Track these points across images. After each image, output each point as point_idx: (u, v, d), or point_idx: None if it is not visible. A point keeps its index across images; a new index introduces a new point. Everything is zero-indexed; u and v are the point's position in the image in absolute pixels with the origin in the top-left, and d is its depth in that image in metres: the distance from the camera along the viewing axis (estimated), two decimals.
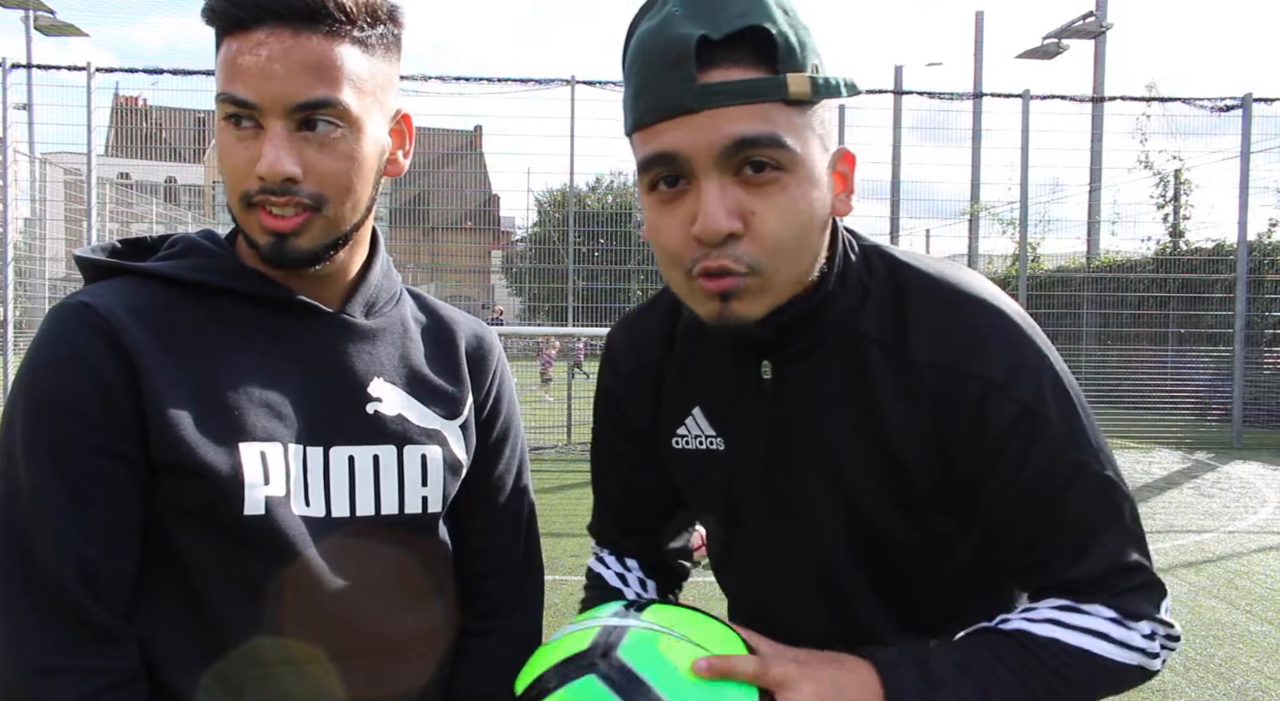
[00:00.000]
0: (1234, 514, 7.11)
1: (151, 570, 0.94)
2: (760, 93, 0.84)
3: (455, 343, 1.14)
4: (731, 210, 0.85)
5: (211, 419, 0.93)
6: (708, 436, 1.07)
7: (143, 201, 16.05)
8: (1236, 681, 3.75)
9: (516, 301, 20.16)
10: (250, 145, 0.92)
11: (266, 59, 0.90)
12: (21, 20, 14.52)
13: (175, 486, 0.92)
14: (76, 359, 0.90)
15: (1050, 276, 14.06)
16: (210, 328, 0.97)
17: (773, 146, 0.85)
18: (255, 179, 0.92)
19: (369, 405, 1.02)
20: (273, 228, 0.94)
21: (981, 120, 15.22)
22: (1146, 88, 13.04)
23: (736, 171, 0.85)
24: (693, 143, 0.85)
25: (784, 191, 0.86)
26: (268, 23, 0.90)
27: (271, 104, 0.91)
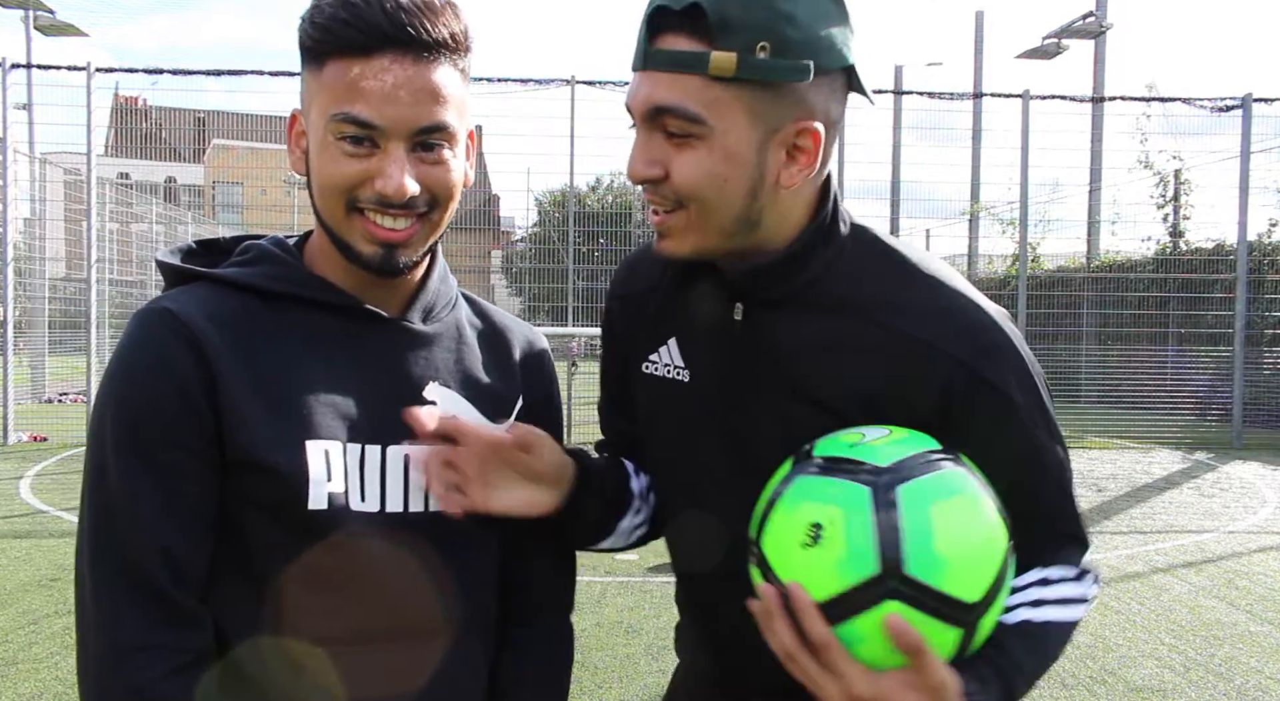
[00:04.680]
0: (1234, 514, 7.11)
1: (224, 558, 1.01)
2: (684, 64, 0.94)
3: (509, 348, 1.20)
4: (650, 159, 0.98)
5: (281, 419, 1.00)
6: (676, 366, 1.13)
7: (142, 201, 16.05)
8: (1236, 681, 3.75)
9: (516, 301, 20.15)
10: (364, 161, 0.98)
11: (392, 86, 0.96)
12: (21, 20, 14.51)
13: (247, 482, 0.99)
14: (161, 364, 0.97)
15: (1050, 276, 14.06)
16: (280, 333, 1.03)
17: (682, 117, 0.95)
18: (369, 191, 0.98)
19: (424, 407, 1.07)
20: (385, 238, 1.01)
21: (981, 120, 15.22)
22: (1146, 88, 13.06)
23: (663, 130, 0.97)
24: (634, 98, 0.98)
25: (695, 152, 0.96)
26: (391, 50, 0.96)
27: (395, 128, 0.97)
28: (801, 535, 0.89)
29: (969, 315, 1.01)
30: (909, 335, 0.99)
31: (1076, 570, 1.05)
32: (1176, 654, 4.05)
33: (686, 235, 1.01)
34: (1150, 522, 6.78)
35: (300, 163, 1.05)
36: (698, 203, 0.98)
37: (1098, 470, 9.11)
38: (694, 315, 1.11)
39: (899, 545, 0.86)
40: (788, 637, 0.89)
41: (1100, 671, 3.84)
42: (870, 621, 0.86)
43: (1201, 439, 11.41)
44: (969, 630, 0.90)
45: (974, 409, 0.98)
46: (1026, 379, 1.01)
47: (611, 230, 13.68)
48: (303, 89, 1.03)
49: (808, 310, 1.04)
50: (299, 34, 1.01)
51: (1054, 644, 1.01)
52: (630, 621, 4.37)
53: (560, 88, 11.24)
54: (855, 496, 0.89)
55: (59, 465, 8.82)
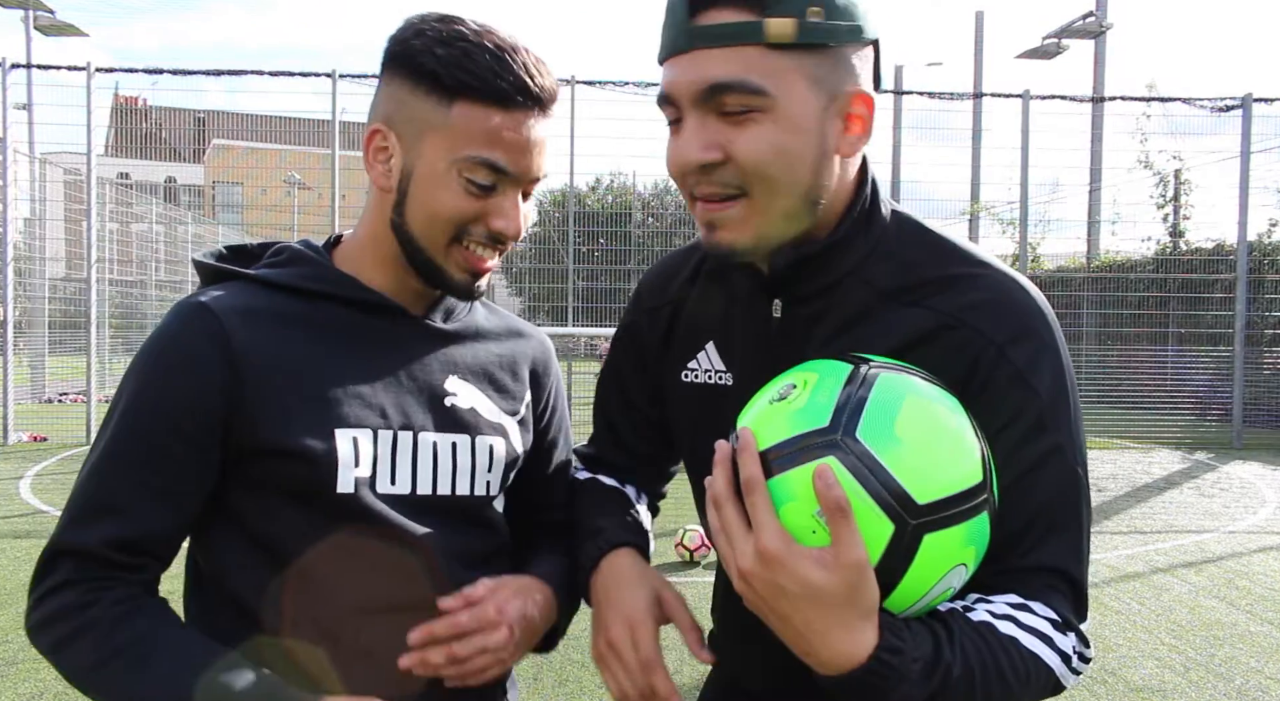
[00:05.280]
0: (1234, 514, 7.11)
1: (253, 539, 1.07)
2: (739, 35, 0.89)
3: (520, 348, 1.27)
4: (708, 143, 0.92)
5: (312, 408, 1.06)
6: (717, 370, 1.11)
7: (142, 201, 16.05)
8: (1236, 681, 3.75)
9: (516, 301, 20.14)
10: (483, 201, 1.06)
11: (529, 140, 1.05)
12: (21, 20, 14.51)
13: (279, 467, 1.05)
14: (185, 362, 1.04)
15: (1050, 276, 14.05)
16: (312, 328, 1.09)
17: (743, 92, 0.89)
18: (482, 227, 1.07)
19: (446, 399, 1.15)
20: (481, 268, 1.10)
21: (981, 120, 15.21)
22: (1146, 88, 13.06)
23: (718, 111, 0.91)
24: (678, 83, 0.92)
25: (759, 127, 0.91)
26: (532, 107, 1.05)
27: (521, 176, 1.06)
28: (773, 394, 0.89)
29: (1014, 299, 0.97)
30: (947, 313, 0.96)
31: (1062, 618, 0.91)
32: (1176, 654, 4.05)
33: (747, 224, 0.94)
34: (1150, 522, 6.78)
35: (385, 177, 1.08)
36: (765, 183, 0.92)
37: (1098, 470, 9.10)
38: (731, 316, 1.09)
39: (859, 411, 0.82)
40: (722, 482, 0.85)
41: (1100, 671, 3.83)
42: (803, 476, 0.80)
43: (1201, 439, 11.40)
44: (907, 536, 0.80)
45: (995, 392, 0.92)
46: (1059, 376, 0.95)
47: (611, 230, 13.67)
48: (396, 106, 1.06)
49: (848, 298, 1.00)
50: (418, 56, 1.04)
51: (1010, 664, 0.86)
52: None
53: (560, 88, 11.22)
54: (837, 369, 0.87)
55: (59, 465, 8.81)
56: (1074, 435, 0.95)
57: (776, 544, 0.80)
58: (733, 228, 0.95)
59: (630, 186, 18.15)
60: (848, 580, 0.79)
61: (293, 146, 28.57)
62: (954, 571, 0.85)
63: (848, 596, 0.79)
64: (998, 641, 0.87)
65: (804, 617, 0.80)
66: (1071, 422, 0.95)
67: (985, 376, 0.93)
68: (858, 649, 0.80)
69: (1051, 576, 0.93)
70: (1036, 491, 0.93)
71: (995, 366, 0.93)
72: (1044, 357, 0.95)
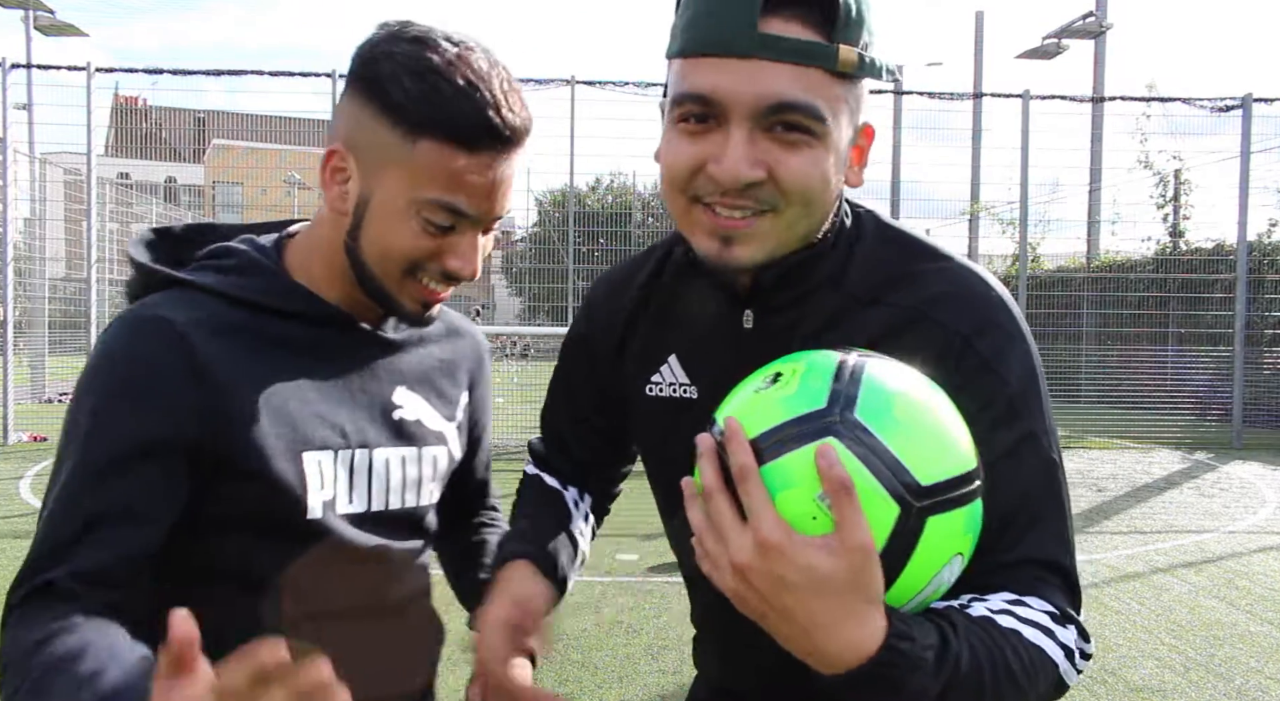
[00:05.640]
0: (1234, 514, 7.11)
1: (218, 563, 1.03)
2: (812, 57, 0.86)
3: (459, 349, 1.26)
4: (756, 160, 0.88)
5: (279, 429, 1.02)
6: (681, 384, 1.08)
7: (142, 201, 16.05)
8: (1236, 681, 3.75)
9: (516, 301, 20.13)
10: (440, 239, 1.02)
11: (492, 182, 1.01)
12: (21, 20, 14.51)
13: (247, 491, 1.01)
14: (152, 373, 0.97)
15: (1050, 276, 14.05)
16: (266, 341, 1.05)
17: (810, 116, 0.87)
18: (438, 265, 1.04)
19: (395, 412, 1.14)
20: (434, 300, 1.08)
21: (981, 120, 15.20)
22: (1146, 88, 13.05)
23: (768, 128, 0.88)
24: (735, 90, 0.86)
25: (812, 152, 0.89)
26: (496, 147, 1.00)
27: (481, 218, 1.03)
28: (756, 383, 0.84)
29: (975, 292, 0.96)
30: (911, 308, 0.95)
31: (1059, 610, 0.89)
32: (1176, 654, 4.05)
33: (769, 239, 0.92)
34: (1150, 522, 6.78)
35: (341, 200, 1.04)
36: (801, 206, 0.90)
37: (1098, 470, 9.10)
38: (695, 328, 1.07)
39: (855, 393, 0.78)
40: (709, 474, 0.78)
41: (1100, 671, 3.83)
42: (802, 458, 0.75)
43: (1201, 439, 11.40)
44: (912, 519, 0.76)
45: (964, 383, 0.90)
46: (1027, 364, 0.94)
47: (611, 230, 13.68)
48: (357, 130, 1.02)
49: (821, 306, 1.00)
50: (386, 83, 0.98)
51: (1015, 657, 0.83)
52: (630, 621, 4.34)
53: (560, 88, 11.23)
54: (825, 358, 0.83)
55: None
56: (1047, 422, 0.94)
57: (776, 532, 0.74)
58: (752, 243, 0.92)
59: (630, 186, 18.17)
60: (854, 564, 0.73)
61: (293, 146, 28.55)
62: (953, 561, 0.82)
63: (854, 582, 0.74)
64: (1001, 634, 0.84)
65: (808, 609, 0.75)
66: (1043, 410, 0.94)
67: (953, 368, 0.91)
68: (868, 638, 0.75)
69: (1041, 569, 0.90)
70: (1015, 481, 0.90)
71: (962, 358, 0.92)
72: (1010, 347, 0.94)
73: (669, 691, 3.58)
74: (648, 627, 4.25)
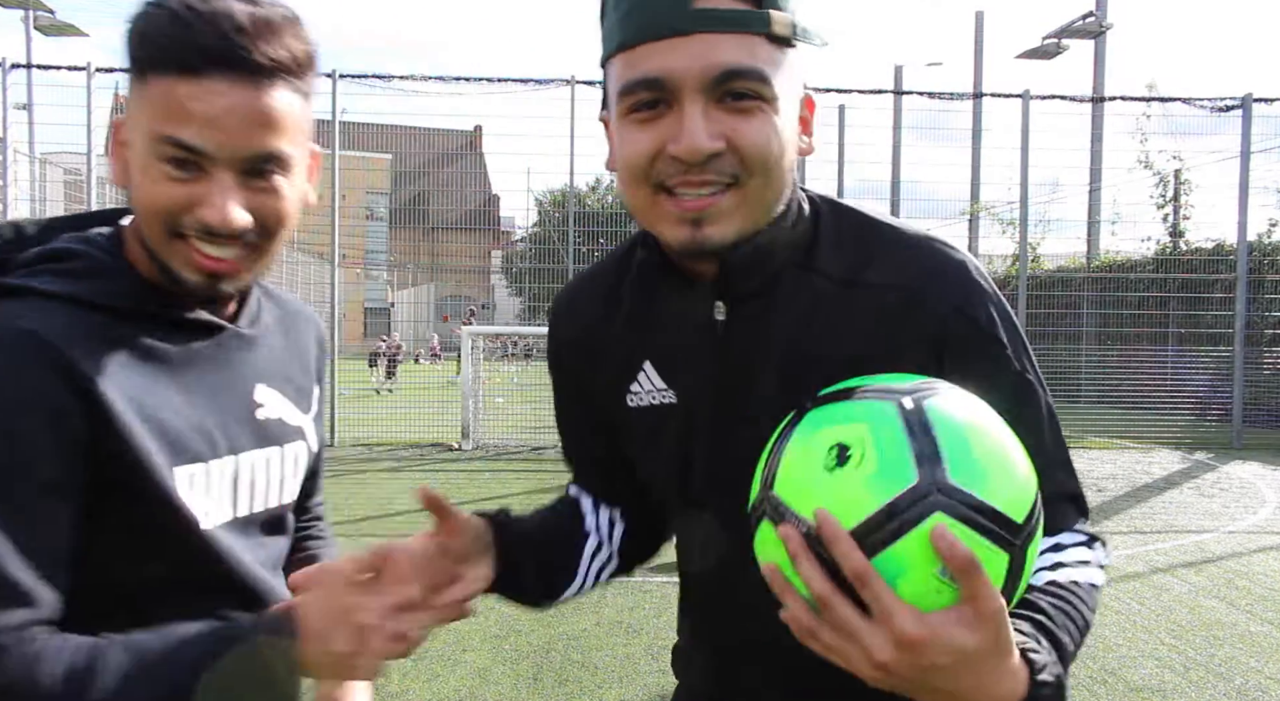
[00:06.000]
0: (1234, 514, 7.11)
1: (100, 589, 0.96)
2: (748, 23, 0.89)
3: (306, 338, 1.22)
4: (714, 132, 0.89)
5: (158, 443, 0.96)
6: (659, 390, 1.06)
7: None
8: (1236, 681, 3.75)
9: (516, 301, 20.13)
10: (189, 186, 0.93)
11: (222, 110, 0.91)
12: (21, 20, 14.51)
13: (125, 510, 0.95)
14: (34, 394, 0.89)
15: (1050, 276, 14.06)
16: (133, 352, 0.98)
17: (756, 79, 0.89)
18: (193, 218, 0.94)
19: (258, 412, 1.09)
20: (211, 269, 0.97)
21: (981, 120, 15.22)
22: (1146, 88, 13.06)
23: (719, 99, 0.89)
24: (683, 67, 0.88)
25: (763, 117, 0.90)
26: (222, 72, 0.91)
27: (223, 154, 0.93)
28: (823, 460, 0.78)
29: (952, 262, 0.99)
30: (900, 286, 0.97)
31: (1086, 536, 0.99)
32: (1176, 654, 4.05)
33: (736, 215, 0.92)
34: (1150, 522, 6.78)
35: (123, 175, 0.98)
36: (762, 174, 0.91)
37: (1098, 470, 9.11)
38: (666, 330, 1.06)
39: (937, 452, 0.76)
40: (819, 579, 0.75)
41: (1100, 671, 3.84)
42: (914, 543, 0.74)
43: (1201, 439, 11.40)
44: (1017, 556, 0.78)
45: (968, 351, 0.96)
46: (1009, 322, 1.00)
47: (611, 230, 13.67)
48: (129, 98, 0.97)
49: (794, 289, 0.99)
50: (127, 40, 0.94)
51: (1084, 604, 0.93)
52: (630, 621, 4.36)
53: (560, 88, 11.24)
54: (880, 411, 0.80)
55: None
56: (1033, 363, 1.01)
57: (913, 625, 0.73)
58: (723, 220, 0.92)
59: None
60: (993, 630, 0.75)
61: None
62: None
63: (997, 646, 0.76)
64: (1073, 595, 0.92)
65: (958, 684, 0.76)
66: (1032, 360, 1.01)
67: (956, 340, 0.96)
68: (1017, 686, 0.78)
69: (1062, 503, 0.99)
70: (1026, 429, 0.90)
71: (962, 327, 0.97)
72: (994, 308, 0.99)
73: (669, 691, 3.55)
74: (648, 627, 4.27)
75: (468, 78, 11.20)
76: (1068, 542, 0.97)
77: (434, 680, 3.65)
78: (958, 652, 0.74)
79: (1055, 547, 0.96)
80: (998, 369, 0.97)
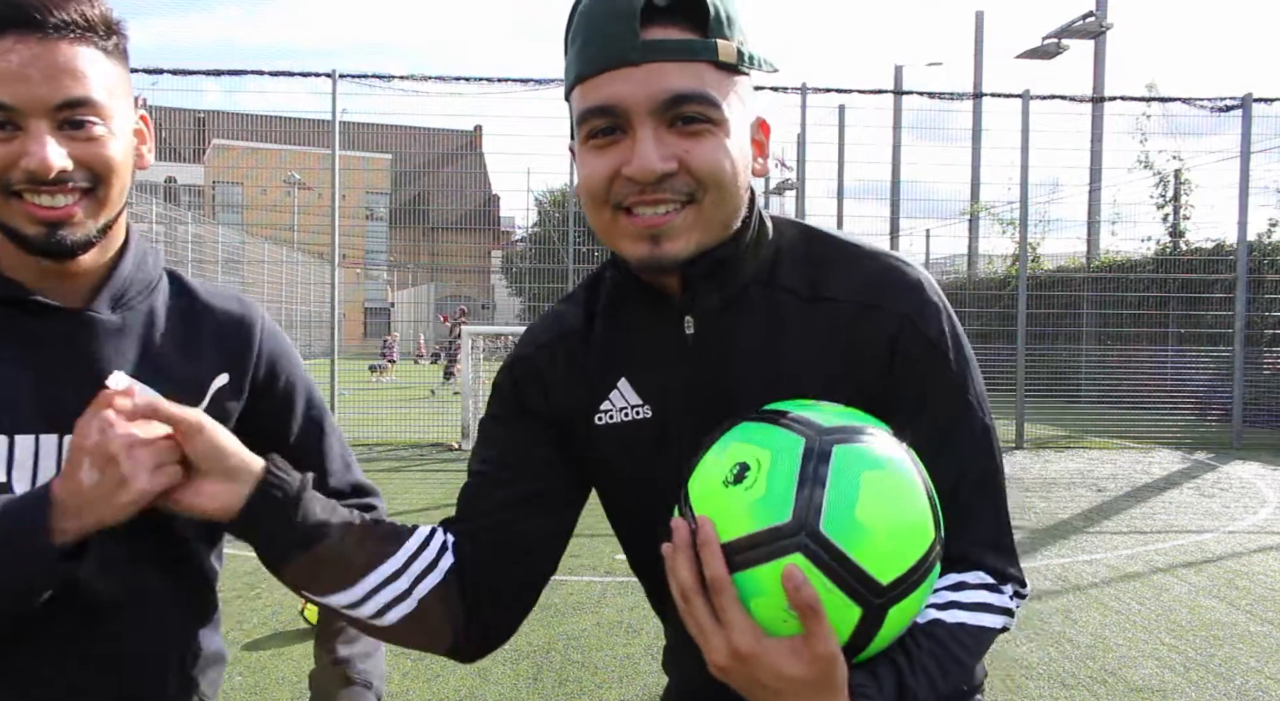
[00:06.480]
0: (1234, 514, 7.12)
1: None
2: (695, 52, 0.94)
3: (206, 326, 1.19)
4: (666, 154, 0.94)
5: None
6: (634, 406, 1.08)
7: (142, 201, 16.05)
8: (1236, 681, 3.75)
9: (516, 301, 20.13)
10: (9, 144, 0.99)
11: (19, 65, 0.98)
12: None
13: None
14: None
15: (1050, 276, 14.06)
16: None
17: (704, 103, 0.94)
18: (19, 172, 0.99)
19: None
20: (46, 218, 1.01)
21: (981, 120, 15.22)
22: (1146, 88, 13.07)
23: (670, 123, 0.94)
24: (632, 94, 0.93)
25: (713, 138, 0.95)
26: (13, 31, 0.98)
27: (30, 106, 0.98)
28: (726, 472, 0.87)
29: (907, 277, 1.03)
30: (859, 302, 1.01)
31: (995, 577, 1.00)
32: (1176, 654, 4.05)
33: (693, 232, 0.97)
34: (1150, 522, 6.78)
35: None
36: (715, 192, 0.96)
37: (1098, 470, 9.11)
38: (639, 346, 1.08)
39: (820, 499, 0.82)
40: (687, 573, 0.85)
41: (1100, 671, 3.84)
42: (771, 573, 0.82)
43: (1201, 439, 11.41)
44: (873, 614, 0.84)
45: (912, 363, 1.00)
46: (957, 340, 1.03)
47: None
48: None
49: (760, 304, 1.04)
50: None
51: (961, 649, 0.95)
52: (630, 621, 4.36)
53: (560, 88, 11.21)
54: (789, 443, 0.86)
55: None
56: (980, 391, 1.04)
57: (749, 642, 0.83)
58: (679, 236, 0.97)
59: None
60: (820, 670, 0.83)
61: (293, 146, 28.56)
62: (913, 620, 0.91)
63: (820, 683, 0.84)
64: (948, 634, 0.95)
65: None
66: (976, 380, 1.04)
67: (906, 349, 1.00)
68: None
69: (985, 552, 1.01)
70: (957, 457, 1.00)
71: (911, 341, 1.00)
72: (946, 326, 1.02)
73: None
74: (648, 627, 4.27)
75: (468, 78, 11.20)
76: (972, 582, 0.99)
77: (434, 680, 3.65)
78: (784, 679, 0.84)
79: (956, 586, 0.98)
80: (937, 383, 1.01)
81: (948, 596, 0.97)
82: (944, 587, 0.98)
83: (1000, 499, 1.04)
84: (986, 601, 0.98)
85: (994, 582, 1.00)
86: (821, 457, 0.85)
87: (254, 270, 23.07)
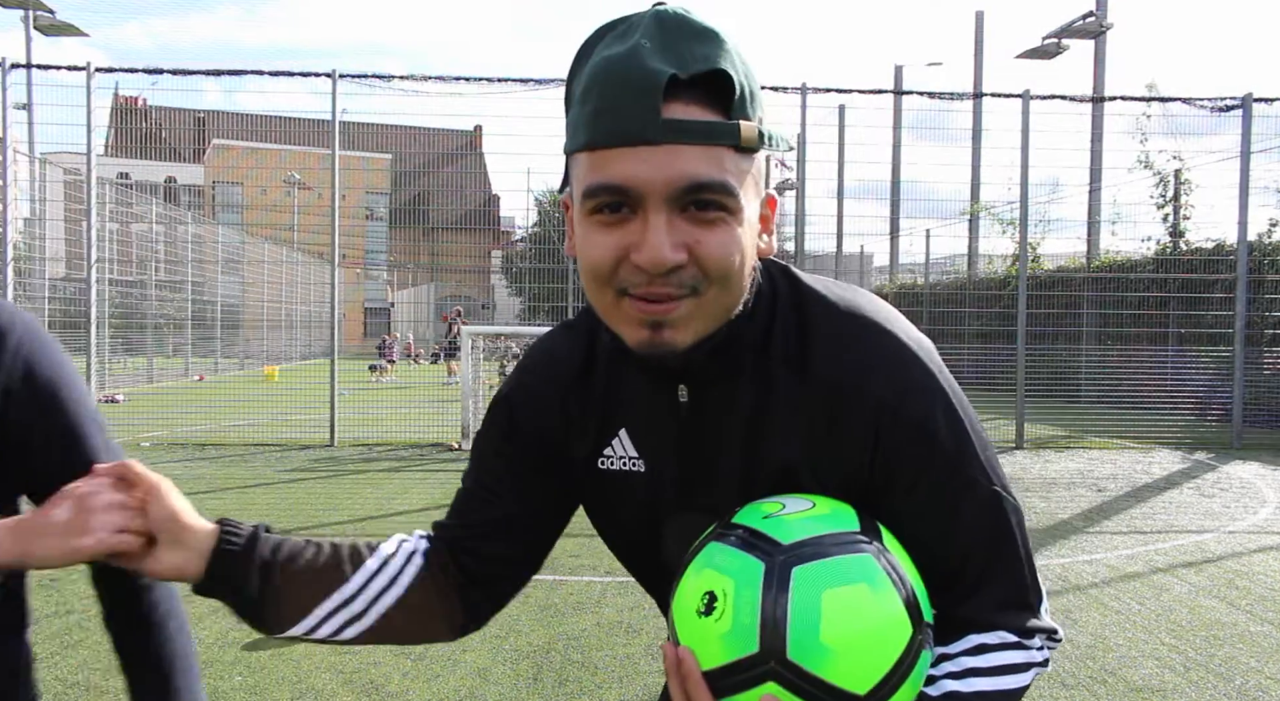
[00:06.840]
0: (1234, 514, 7.11)
1: None
2: (717, 135, 0.88)
3: None
4: (677, 243, 0.89)
5: None
6: (630, 457, 1.09)
7: (142, 201, 16.05)
8: (1236, 681, 3.75)
9: (516, 301, 20.13)
10: None
11: None
12: (21, 20, 14.51)
13: None
14: None
15: (1050, 276, 14.06)
16: None
17: (722, 192, 0.89)
18: None
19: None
20: None
21: (981, 120, 15.23)
22: (1146, 88, 13.07)
23: (683, 208, 0.89)
24: (648, 176, 0.87)
25: (727, 228, 0.91)
26: None
27: None
28: (698, 602, 0.90)
29: (890, 352, 0.98)
30: (837, 381, 0.97)
31: (1016, 637, 0.97)
32: (1176, 654, 4.05)
33: (693, 322, 0.93)
34: (1150, 522, 6.78)
35: None
36: (720, 284, 0.92)
37: (1098, 470, 9.10)
38: (640, 402, 1.08)
39: (783, 626, 0.85)
40: (679, 696, 0.89)
41: (1100, 671, 3.84)
42: (751, 698, 0.86)
43: (1201, 439, 11.40)
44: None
45: (898, 443, 0.96)
46: (952, 415, 0.97)
47: None
48: None
49: (753, 377, 1.02)
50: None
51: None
52: (630, 621, 4.35)
53: (560, 88, 11.20)
54: (750, 571, 0.89)
55: None
56: (985, 462, 0.98)
57: None
58: (681, 326, 0.93)
59: None
60: None
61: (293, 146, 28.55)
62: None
63: None
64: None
65: None
66: (976, 448, 0.98)
67: (889, 438, 0.96)
68: None
69: (1005, 610, 0.97)
70: (963, 533, 0.97)
71: (895, 427, 0.96)
72: (935, 403, 0.97)
73: None
74: (648, 627, 4.27)
75: (468, 78, 11.19)
76: (992, 643, 0.96)
77: (434, 680, 3.65)
78: None
79: (976, 649, 0.96)
80: (930, 464, 0.96)
81: (966, 663, 0.95)
82: (961, 653, 0.95)
83: (1017, 561, 0.99)
84: (1010, 662, 0.95)
85: (1017, 640, 0.97)
86: (781, 584, 0.87)
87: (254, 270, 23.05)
